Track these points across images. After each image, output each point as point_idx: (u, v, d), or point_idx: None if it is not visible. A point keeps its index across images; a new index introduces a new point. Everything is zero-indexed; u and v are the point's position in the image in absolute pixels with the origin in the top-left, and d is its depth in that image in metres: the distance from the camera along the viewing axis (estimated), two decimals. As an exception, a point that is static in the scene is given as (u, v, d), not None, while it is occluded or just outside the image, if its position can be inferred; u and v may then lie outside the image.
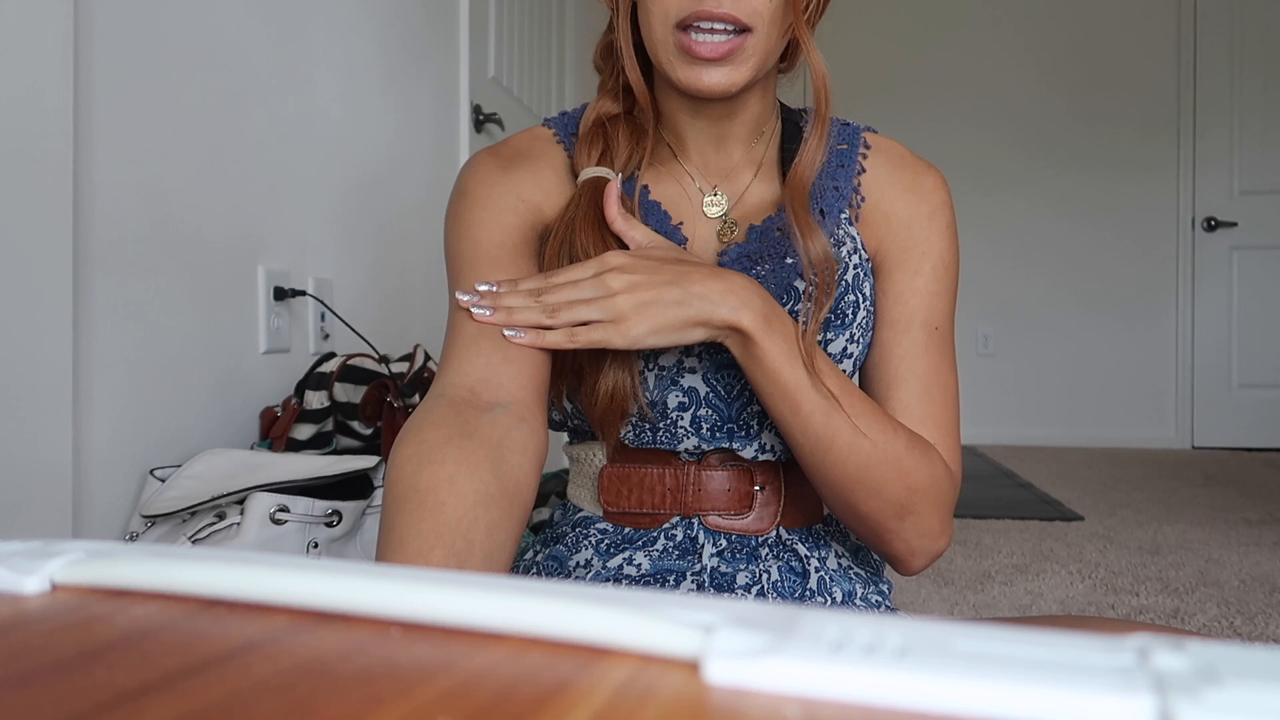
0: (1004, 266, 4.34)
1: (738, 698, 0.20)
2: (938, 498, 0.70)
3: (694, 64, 0.68)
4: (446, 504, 0.57)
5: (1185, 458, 3.85)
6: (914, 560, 0.72)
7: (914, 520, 0.70)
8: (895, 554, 0.72)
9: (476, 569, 0.56)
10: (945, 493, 0.71)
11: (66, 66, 1.03)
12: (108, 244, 1.12)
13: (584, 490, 0.79)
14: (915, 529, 0.70)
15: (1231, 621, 1.60)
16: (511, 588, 0.25)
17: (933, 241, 0.77)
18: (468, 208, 0.75)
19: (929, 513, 0.70)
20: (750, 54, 0.68)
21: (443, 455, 0.58)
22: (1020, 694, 0.19)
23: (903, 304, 0.76)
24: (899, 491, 0.68)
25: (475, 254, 0.72)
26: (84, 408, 1.08)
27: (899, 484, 0.68)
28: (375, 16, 1.83)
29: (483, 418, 0.62)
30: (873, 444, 0.67)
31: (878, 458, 0.67)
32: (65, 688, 0.20)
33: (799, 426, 0.67)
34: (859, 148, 0.80)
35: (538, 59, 2.84)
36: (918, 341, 0.75)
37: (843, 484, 0.68)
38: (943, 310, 0.77)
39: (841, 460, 0.67)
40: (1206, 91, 4.21)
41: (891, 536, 0.70)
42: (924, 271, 0.76)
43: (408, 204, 1.97)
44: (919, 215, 0.78)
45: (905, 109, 4.31)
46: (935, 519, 0.70)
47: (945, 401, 0.75)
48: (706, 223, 0.78)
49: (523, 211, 0.75)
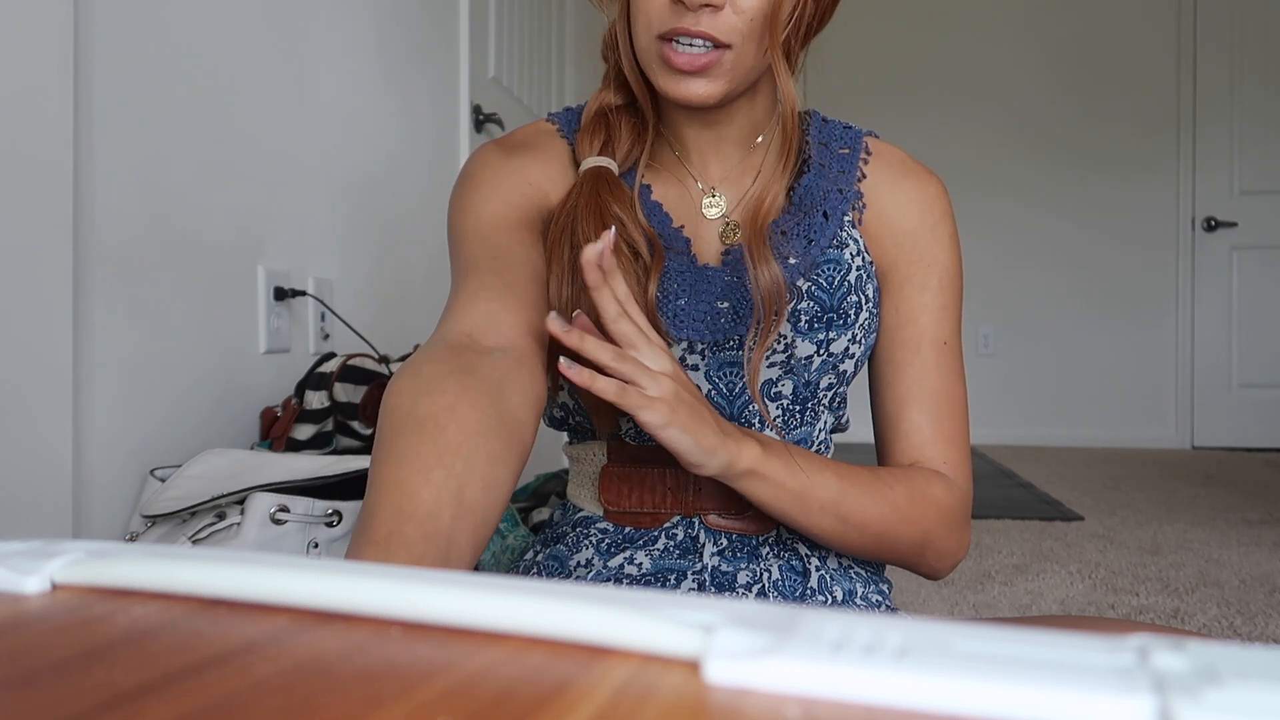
0: (1004, 266, 4.34)
1: (738, 698, 0.20)
2: (949, 523, 0.75)
3: (673, 74, 0.69)
4: (447, 429, 0.54)
5: (1185, 458, 3.85)
6: (939, 574, 0.78)
7: (933, 549, 0.75)
8: (921, 573, 0.79)
9: (475, 498, 0.54)
10: (955, 515, 0.75)
11: (66, 66, 1.03)
12: (108, 244, 1.12)
13: (584, 490, 0.79)
14: (935, 554, 0.75)
15: (1231, 621, 1.60)
16: (511, 588, 0.25)
17: (938, 254, 0.78)
18: (473, 188, 0.76)
19: (944, 539, 0.75)
20: (727, 69, 0.69)
21: (443, 386, 0.57)
22: (1020, 694, 0.19)
23: (913, 323, 0.78)
24: (914, 537, 0.73)
25: (478, 227, 0.72)
26: (84, 408, 1.08)
27: (911, 533, 0.73)
28: (375, 17, 1.83)
29: (483, 359, 0.61)
30: (875, 513, 0.71)
31: (888, 527, 0.72)
32: (65, 688, 0.20)
33: (808, 521, 0.70)
34: (860, 152, 0.80)
35: (538, 59, 2.84)
36: (929, 361, 0.77)
37: (855, 548, 0.73)
38: (950, 324, 0.79)
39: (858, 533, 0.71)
40: (1206, 91, 4.21)
41: (914, 565, 0.77)
42: (930, 286, 0.78)
43: (408, 204, 1.97)
44: (923, 227, 0.78)
45: (905, 110, 4.30)
46: (952, 540, 0.76)
47: (954, 416, 0.78)
48: (708, 224, 0.78)
49: (529, 194, 0.75)
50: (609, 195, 0.73)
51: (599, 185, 0.73)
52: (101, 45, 1.11)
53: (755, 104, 0.77)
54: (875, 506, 0.71)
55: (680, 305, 0.74)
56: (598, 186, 0.73)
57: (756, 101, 0.77)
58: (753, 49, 0.69)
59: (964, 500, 0.77)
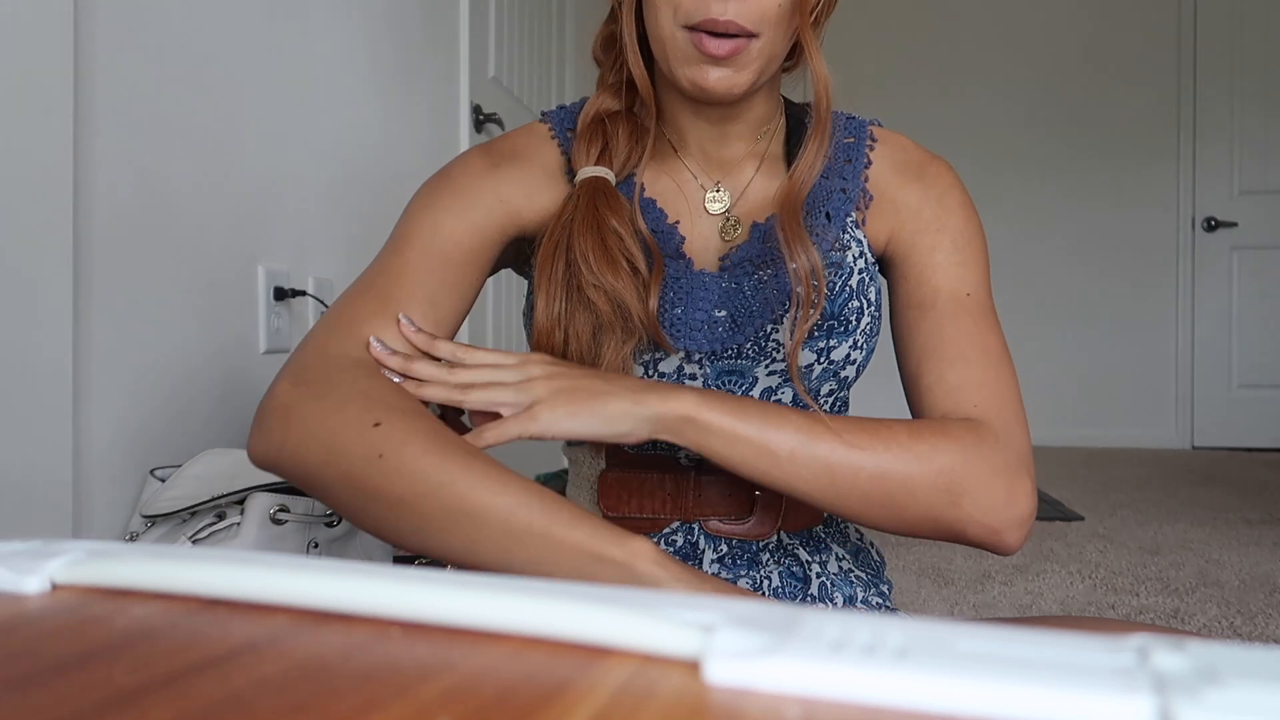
0: (1003, 266, 4.34)
1: (738, 698, 0.19)
2: (986, 467, 0.64)
3: (699, 63, 0.68)
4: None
5: (1185, 458, 3.85)
6: (1003, 537, 0.65)
7: (971, 500, 0.63)
8: (978, 541, 0.65)
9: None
10: (993, 458, 0.64)
11: (66, 66, 1.03)
12: (108, 244, 1.12)
13: (583, 493, 0.79)
14: (978, 508, 0.63)
15: (1231, 621, 1.60)
16: (511, 588, 0.25)
17: (946, 218, 0.75)
18: (445, 188, 0.75)
19: (984, 486, 0.63)
20: (754, 57, 0.68)
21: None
22: (1020, 694, 0.19)
23: (925, 284, 0.73)
24: (931, 479, 0.63)
25: (433, 239, 0.72)
26: (84, 408, 1.08)
27: (927, 473, 0.63)
28: (375, 17, 1.83)
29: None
30: (870, 452, 0.63)
31: (886, 464, 0.62)
32: (65, 688, 0.20)
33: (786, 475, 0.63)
34: (865, 140, 0.79)
35: (537, 59, 2.84)
36: (944, 314, 0.71)
37: (870, 507, 0.64)
38: (972, 279, 0.73)
39: (850, 483, 0.63)
40: (1206, 91, 4.21)
41: (961, 526, 0.64)
42: (942, 246, 0.74)
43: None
44: (928, 199, 0.76)
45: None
46: (997, 489, 0.64)
47: (985, 364, 0.69)
48: (708, 220, 0.76)
49: (496, 213, 0.74)
50: (606, 208, 0.71)
51: (595, 198, 0.72)
52: (101, 44, 1.11)
53: (768, 98, 0.76)
54: (867, 448, 0.62)
55: (677, 315, 0.72)
56: (594, 199, 0.72)
57: (768, 96, 0.76)
58: (778, 36, 0.68)
59: (1007, 443, 0.65)
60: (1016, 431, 0.67)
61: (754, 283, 0.72)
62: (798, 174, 0.72)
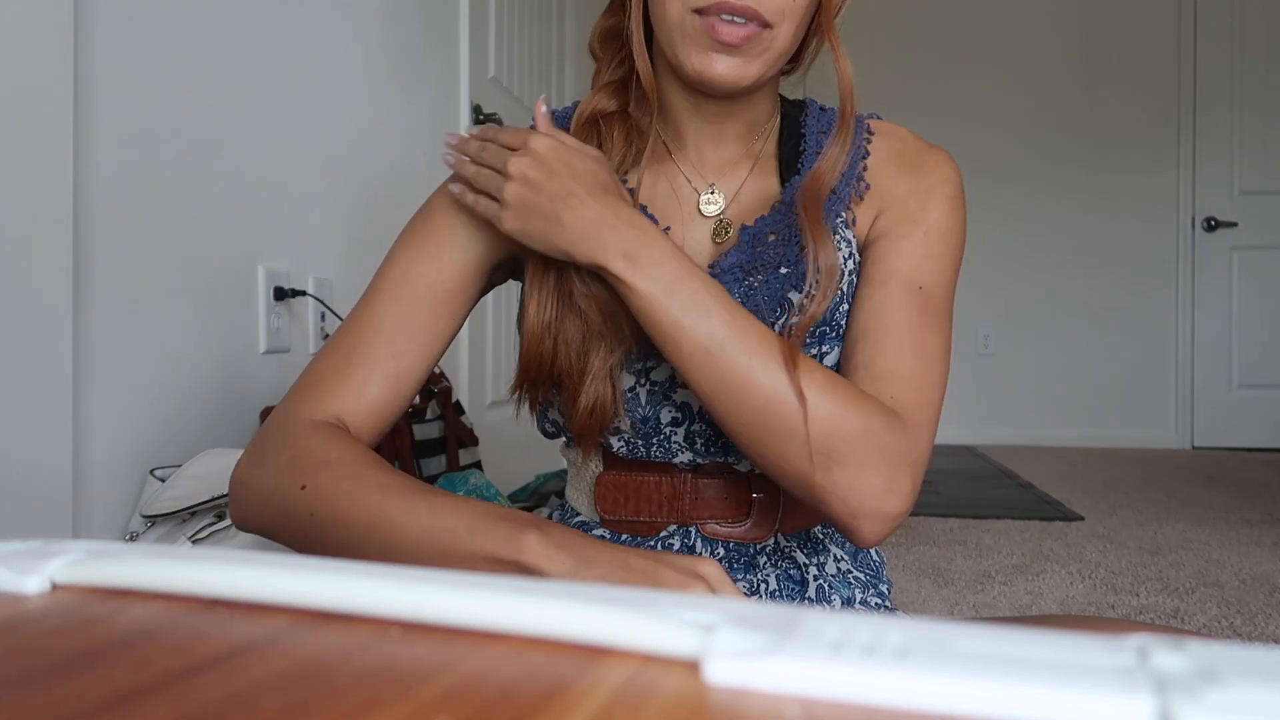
0: (1004, 266, 4.34)
1: (738, 698, 0.19)
2: (875, 447, 0.62)
3: (707, 51, 0.67)
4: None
5: (1185, 458, 3.85)
6: (860, 524, 0.62)
7: (844, 473, 0.61)
8: (835, 516, 0.63)
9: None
10: (888, 444, 0.62)
11: (66, 66, 1.03)
12: (108, 244, 1.12)
13: (581, 495, 0.79)
14: (848, 483, 0.61)
15: (1231, 621, 1.60)
16: (511, 588, 0.25)
17: (927, 211, 0.73)
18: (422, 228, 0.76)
19: (864, 464, 0.61)
20: (765, 48, 0.68)
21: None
22: (1020, 694, 0.19)
23: (883, 263, 0.72)
24: (816, 435, 0.61)
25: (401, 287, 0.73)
26: (84, 408, 1.08)
27: (817, 425, 0.61)
28: (375, 16, 1.83)
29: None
30: (774, 382, 0.61)
31: (779, 397, 0.61)
32: (65, 688, 0.20)
33: (685, 367, 0.63)
34: (863, 133, 0.78)
35: (537, 59, 2.84)
36: (893, 297, 0.69)
37: (747, 430, 0.62)
38: (932, 274, 0.71)
39: (738, 401, 0.62)
40: (1207, 92, 4.21)
41: (824, 493, 0.62)
42: (913, 236, 0.72)
43: (408, 203, 1.96)
44: (916, 191, 0.75)
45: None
46: (876, 473, 0.61)
47: (917, 359, 0.67)
48: (700, 224, 0.76)
49: (478, 245, 0.74)
50: None
51: None
52: (101, 45, 1.11)
53: (761, 100, 0.76)
54: (767, 376, 0.61)
55: None
56: None
57: (767, 96, 0.76)
58: (790, 31, 0.68)
59: (909, 441, 0.64)
60: (922, 436, 0.65)
61: (744, 289, 0.71)
62: (823, 170, 0.72)
